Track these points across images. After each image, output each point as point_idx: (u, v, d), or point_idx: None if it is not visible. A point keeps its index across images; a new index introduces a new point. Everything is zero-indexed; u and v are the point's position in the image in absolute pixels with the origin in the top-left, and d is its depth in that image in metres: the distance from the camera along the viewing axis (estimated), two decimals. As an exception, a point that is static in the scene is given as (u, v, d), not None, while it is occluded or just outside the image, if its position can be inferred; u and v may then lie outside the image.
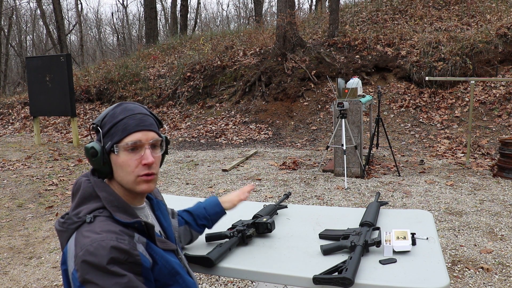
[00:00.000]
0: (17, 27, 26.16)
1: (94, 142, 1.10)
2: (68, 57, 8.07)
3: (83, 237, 0.97)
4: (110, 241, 0.95)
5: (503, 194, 4.30)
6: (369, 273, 1.27)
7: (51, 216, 4.18)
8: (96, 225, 1.00)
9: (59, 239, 1.06)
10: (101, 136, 1.09)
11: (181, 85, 10.80)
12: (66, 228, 1.03)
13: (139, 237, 1.04)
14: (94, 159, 1.08)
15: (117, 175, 1.10)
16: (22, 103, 12.42)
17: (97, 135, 1.10)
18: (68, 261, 0.99)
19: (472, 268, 2.74)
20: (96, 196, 1.07)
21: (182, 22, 18.31)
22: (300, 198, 4.44)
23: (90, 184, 1.08)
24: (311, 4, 27.20)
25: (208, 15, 36.78)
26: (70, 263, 0.97)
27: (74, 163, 6.60)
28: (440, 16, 10.68)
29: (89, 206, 1.04)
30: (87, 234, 0.97)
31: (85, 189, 1.08)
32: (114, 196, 1.08)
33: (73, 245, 0.98)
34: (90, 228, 0.99)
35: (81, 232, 0.99)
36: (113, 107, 1.12)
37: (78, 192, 1.08)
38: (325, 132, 7.95)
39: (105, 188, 1.08)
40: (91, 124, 1.11)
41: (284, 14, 9.85)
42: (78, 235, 0.99)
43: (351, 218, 1.77)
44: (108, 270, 0.92)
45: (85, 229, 0.99)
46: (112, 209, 1.04)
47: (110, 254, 0.94)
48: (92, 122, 1.12)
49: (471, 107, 5.65)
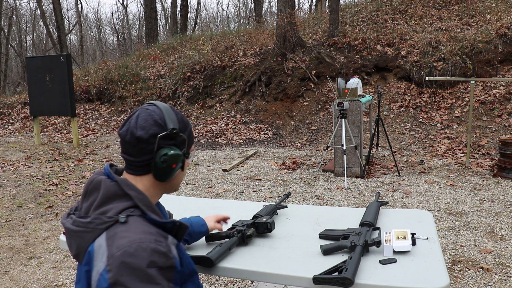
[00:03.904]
0: (17, 27, 26.17)
1: (172, 147, 1.08)
2: (68, 57, 8.07)
3: (119, 237, 0.94)
4: (150, 243, 0.93)
5: (503, 194, 4.30)
6: (369, 273, 1.27)
7: (51, 216, 4.18)
8: (131, 225, 0.97)
9: (75, 239, 1.00)
10: (185, 141, 1.12)
11: (181, 85, 10.80)
12: (93, 228, 0.98)
13: (171, 238, 1.03)
14: (172, 163, 1.08)
15: (176, 178, 1.15)
16: (22, 103, 12.42)
17: (172, 140, 1.08)
18: (94, 261, 0.95)
19: (472, 268, 2.74)
20: (123, 195, 1.03)
21: (182, 22, 18.31)
22: (300, 198, 4.44)
23: (113, 183, 1.05)
24: (311, 4, 27.21)
25: (208, 15, 36.80)
26: (99, 264, 0.93)
27: (74, 163, 6.60)
28: (440, 16, 10.68)
29: (118, 206, 1.01)
30: (123, 235, 0.94)
31: (109, 188, 1.04)
32: (143, 195, 1.06)
33: (104, 245, 0.94)
34: (125, 228, 0.96)
35: (114, 232, 0.95)
36: (173, 109, 1.12)
37: (96, 191, 1.04)
38: (325, 132, 7.96)
39: (134, 187, 1.06)
40: (173, 129, 1.07)
41: (284, 14, 9.85)
42: (111, 235, 0.95)
43: (351, 218, 1.77)
44: (146, 274, 0.90)
45: (119, 229, 0.96)
46: (145, 208, 1.03)
47: (150, 257, 0.91)
48: (172, 127, 1.07)
49: (471, 107, 5.65)
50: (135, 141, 1.05)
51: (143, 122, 1.06)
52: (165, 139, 1.07)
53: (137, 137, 1.05)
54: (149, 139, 1.05)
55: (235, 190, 4.81)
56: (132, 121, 1.08)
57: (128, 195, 1.03)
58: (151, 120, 1.06)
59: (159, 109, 1.09)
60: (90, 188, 1.06)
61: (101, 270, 0.91)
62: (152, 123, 1.06)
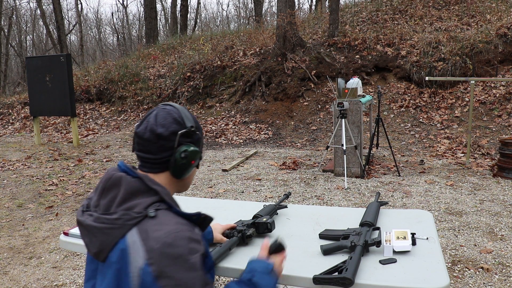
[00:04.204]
0: (17, 27, 26.17)
1: (190, 144, 1.11)
2: (68, 57, 8.07)
3: (153, 231, 0.95)
4: (186, 232, 0.97)
5: (503, 194, 4.30)
6: (369, 273, 1.27)
7: (51, 216, 4.18)
8: (162, 218, 0.99)
9: (99, 236, 0.99)
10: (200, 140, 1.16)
11: (181, 85, 10.80)
12: (122, 224, 0.98)
13: (197, 229, 1.07)
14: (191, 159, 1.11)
15: (190, 176, 1.20)
16: (22, 103, 12.42)
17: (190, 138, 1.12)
18: (130, 258, 0.95)
19: (472, 268, 2.74)
20: (147, 191, 1.05)
21: (182, 22, 18.32)
22: (300, 198, 4.44)
23: (135, 179, 1.06)
24: (311, 4, 27.21)
25: (208, 15, 36.81)
26: (138, 259, 0.94)
27: (74, 163, 6.60)
28: (440, 16, 10.69)
29: (144, 201, 1.02)
30: (157, 228, 0.96)
31: (131, 184, 1.04)
32: (166, 189, 1.09)
33: (139, 240, 0.95)
34: (157, 222, 0.98)
35: (146, 227, 0.97)
36: (187, 111, 1.15)
37: (116, 187, 1.05)
38: (325, 132, 7.95)
39: (157, 182, 1.08)
40: (191, 127, 1.11)
41: (284, 14, 9.85)
42: (143, 230, 0.96)
43: (351, 218, 1.77)
44: (188, 261, 0.94)
45: (150, 223, 0.97)
46: (171, 202, 1.06)
47: (189, 245, 0.95)
48: (190, 125, 1.11)
49: (471, 107, 5.65)
50: (155, 138, 1.08)
51: (163, 120, 1.09)
52: (184, 136, 1.11)
53: (157, 134, 1.08)
54: (169, 136, 1.08)
55: (235, 190, 4.81)
56: (151, 119, 1.10)
57: (152, 190, 1.05)
58: (170, 118, 1.10)
59: (176, 109, 1.13)
60: (108, 184, 1.06)
61: (142, 265, 0.93)
62: (171, 121, 1.10)
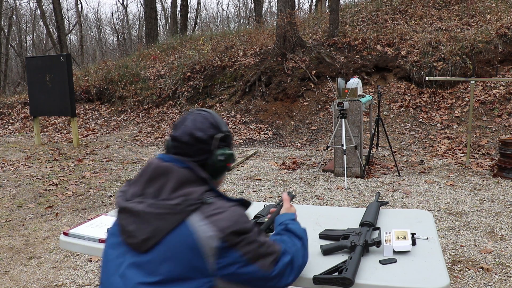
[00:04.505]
0: (17, 27, 26.17)
1: (226, 148, 1.23)
2: (68, 57, 8.07)
3: (217, 213, 1.07)
4: (243, 211, 1.12)
5: (503, 194, 4.30)
6: (369, 273, 1.27)
7: (51, 216, 4.18)
8: (218, 203, 1.10)
9: (153, 222, 1.06)
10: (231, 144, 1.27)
11: (181, 85, 10.80)
12: (181, 210, 1.06)
13: None
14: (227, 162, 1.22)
15: (222, 179, 1.28)
16: (22, 103, 12.42)
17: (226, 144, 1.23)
18: (198, 241, 1.03)
19: (472, 268, 2.74)
20: (197, 180, 1.14)
21: (182, 22, 18.31)
22: (300, 198, 4.44)
23: (185, 169, 1.13)
24: (311, 4, 27.21)
25: (208, 15, 36.80)
26: (208, 241, 1.03)
27: (74, 163, 6.60)
28: (440, 16, 10.68)
29: (197, 189, 1.11)
30: (219, 211, 1.07)
31: (182, 173, 1.12)
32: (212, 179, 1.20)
33: (205, 223, 1.05)
34: (216, 206, 1.09)
35: (207, 211, 1.07)
36: (219, 116, 1.26)
37: (164, 176, 1.11)
38: (325, 132, 7.96)
39: (204, 172, 1.18)
40: (226, 132, 1.23)
41: (284, 14, 9.85)
42: (207, 214, 1.06)
43: (351, 218, 1.77)
44: (255, 232, 1.10)
45: (209, 208, 1.08)
46: (219, 191, 1.17)
47: (250, 220, 1.12)
48: (226, 130, 1.23)
49: (471, 107, 5.65)
50: (194, 141, 1.17)
51: (201, 124, 1.19)
52: (221, 140, 1.21)
53: (196, 137, 1.17)
54: (207, 139, 1.18)
55: (235, 190, 4.81)
56: (188, 124, 1.19)
57: (201, 180, 1.14)
58: (207, 123, 1.20)
59: (211, 114, 1.23)
60: (155, 174, 1.13)
61: (216, 243, 1.03)
62: (209, 125, 1.19)
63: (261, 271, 1.09)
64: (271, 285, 1.12)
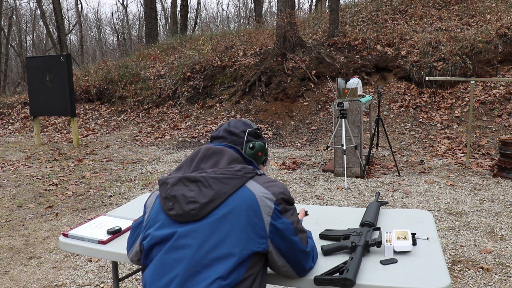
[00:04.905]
0: (17, 27, 26.16)
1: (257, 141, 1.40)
2: (68, 57, 8.07)
3: (268, 182, 1.24)
4: (284, 185, 1.27)
5: (503, 194, 4.30)
6: (370, 273, 1.27)
7: (51, 216, 4.17)
8: (267, 177, 1.27)
9: (215, 186, 1.17)
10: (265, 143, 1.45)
11: (181, 85, 10.79)
12: (242, 175, 1.21)
13: None
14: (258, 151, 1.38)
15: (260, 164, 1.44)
16: (22, 103, 12.41)
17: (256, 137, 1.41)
18: (257, 202, 1.16)
19: (472, 268, 2.74)
20: (245, 160, 1.31)
21: (182, 22, 18.31)
22: (300, 198, 4.44)
23: (234, 150, 1.31)
24: (311, 4, 27.20)
25: (208, 15, 36.79)
26: (265, 202, 1.17)
27: (74, 163, 6.60)
28: (440, 16, 10.68)
29: (247, 166, 1.26)
30: (269, 180, 1.25)
31: (232, 153, 1.29)
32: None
33: (261, 188, 1.20)
34: (265, 178, 1.26)
35: (261, 180, 1.24)
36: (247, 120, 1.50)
37: (218, 154, 1.26)
38: (325, 132, 7.95)
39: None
40: (257, 129, 1.42)
41: (284, 14, 9.85)
42: (261, 181, 1.23)
43: (351, 218, 1.77)
44: (293, 200, 1.27)
45: (262, 178, 1.25)
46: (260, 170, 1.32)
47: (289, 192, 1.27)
48: (256, 127, 1.42)
49: (471, 107, 5.65)
50: (228, 134, 1.37)
51: (234, 123, 1.41)
52: (251, 135, 1.40)
53: (230, 131, 1.38)
54: (239, 133, 1.37)
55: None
56: (224, 125, 1.41)
57: (247, 161, 1.32)
58: (240, 122, 1.42)
59: (244, 119, 1.50)
60: (209, 153, 1.27)
61: (272, 205, 1.18)
62: (241, 124, 1.41)
63: (301, 244, 1.23)
64: (305, 261, 1.25)
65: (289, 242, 1.19)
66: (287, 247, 1.19)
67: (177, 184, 1.20)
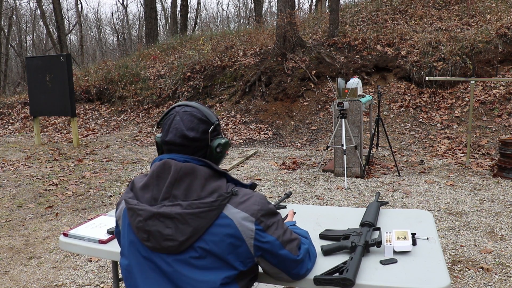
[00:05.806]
0: (17, 27, 26.15)
1: (220, 137, 1.26)
2: (68, 57, 8.06)
3: (245, 201, 1.16)
4: (261, 195, 1.20)
5: (503, 194, 4.30)
6: (370, 273, 1.27)
7: (51, 216, 4.18)
8: (241, 192, 1.18)
9: (194, 221, 1.09)
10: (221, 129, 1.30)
11: (181, 85, 10.80)
12: (218, 205, 1.12)
13: None
14: (225, 150, 1.27)
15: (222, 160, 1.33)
16: (22, 103, 12.41)
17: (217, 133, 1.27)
18: (239, 228, 1.11)
19: (472, 268, 2.74)
20: (217, 174, 1.19)
21: (182, 22, 18.31)
22: (300, 198, 4.44)
23: (203, 166, 1.17)
24: (311, 4, 27.19)
25: (208, 15, 36.78)
26: (245, 225, 1.12)
27: (74, 163, 6.60)
28: (440, 16, 10.68)
29: (221, 183, 1.17)
30: (246, 198, 1.16)
31: (203, 171, 1.16)
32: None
33: (237, 211, 1.13)
34: (241, 195, 1.17)
35: (236, 201, 1.15)
36: (203, 105, 1.27)
37: (190, 176, 1.14)
38: (325, 132, 7.95)
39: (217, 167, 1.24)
40: (216, 121, 1.24)
41: (284, 14, 9.85)
42: (237, 203, 1.15)
43: (351, 218, 1.77)
44: (276, 212, 1.21)
45: (237, 198, 1.16)
46: (234, 180, 1.24)
47: (271, 203, 1.22)
48: (215, 120, 1.24)
49: (471, 107, 5.65)
50: (189, 142, 1.18)
51: (190, 123, 1.19)
52: (213, 132, 1.23)
53: (190, 138, 1.18)
54: (201, 136, 1.19)
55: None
56: (177, 125, 1.19)
57: (219, 174, 1.20)
58: (196, 120, 1.20)
59: (196, 108, 1.23)
60: (179, 175, 1.13)
61: (253, 226, 1.13)
62: (198, 122, 1.20)
63: (291, 255, 1.20)
64: (299, 269, 1.23)
65: (278, 256, 1.18)
66: (277, 261, 1.19)
67: (151, 219, 1.11)
